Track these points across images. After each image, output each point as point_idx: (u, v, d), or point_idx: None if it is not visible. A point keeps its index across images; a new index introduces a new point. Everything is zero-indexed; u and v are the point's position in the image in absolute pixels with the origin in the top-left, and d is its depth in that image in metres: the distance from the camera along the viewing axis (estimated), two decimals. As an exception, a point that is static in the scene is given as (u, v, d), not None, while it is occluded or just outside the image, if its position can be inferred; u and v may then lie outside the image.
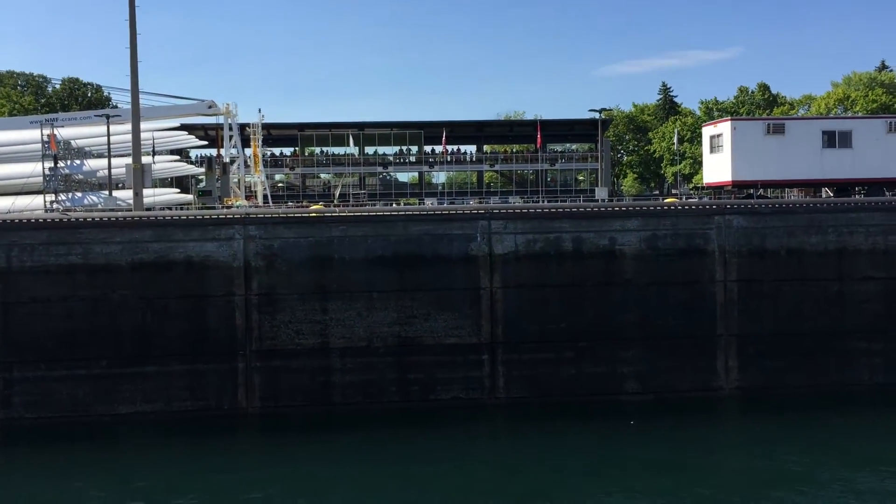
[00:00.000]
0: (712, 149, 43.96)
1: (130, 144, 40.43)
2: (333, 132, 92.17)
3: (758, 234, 33.41)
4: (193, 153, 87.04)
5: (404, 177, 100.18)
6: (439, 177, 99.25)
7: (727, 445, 28.67)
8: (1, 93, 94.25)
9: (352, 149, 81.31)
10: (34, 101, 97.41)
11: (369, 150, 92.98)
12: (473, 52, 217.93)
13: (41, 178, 46.44)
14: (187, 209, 54.00)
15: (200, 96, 63.40)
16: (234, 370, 31.36)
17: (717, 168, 43.47)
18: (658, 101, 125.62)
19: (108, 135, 52.14)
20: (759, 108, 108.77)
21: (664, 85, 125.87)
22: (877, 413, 31.22)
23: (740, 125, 42.71)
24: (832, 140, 41.67)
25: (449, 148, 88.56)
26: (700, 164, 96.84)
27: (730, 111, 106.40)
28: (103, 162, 51.38)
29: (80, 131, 58.36)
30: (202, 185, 79.31)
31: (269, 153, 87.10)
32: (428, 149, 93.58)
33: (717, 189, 44.97)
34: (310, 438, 29.22)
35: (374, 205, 52.97)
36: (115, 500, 23.09)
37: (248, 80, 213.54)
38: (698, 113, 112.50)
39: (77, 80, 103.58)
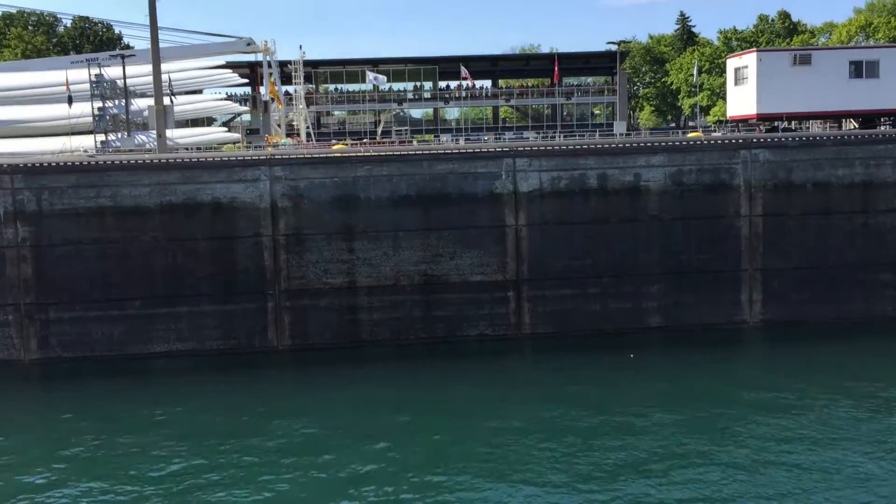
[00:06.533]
0: (737, 81, 43.35)
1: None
2: (347, 69, 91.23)
3: (784, 167, 33.28)
4: (207, 91, 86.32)
5: (418, 113, 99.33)
6: (453, 112, 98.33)
7: (743, 377, 28.98)
8: (14, 33, 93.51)
9: (368, 85, 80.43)
10: (46, 41, 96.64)
11: (384, 86, 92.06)
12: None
13: (89, 119, 46.42)
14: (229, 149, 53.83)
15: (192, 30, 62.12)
16: (263, 309, 31.89)
17: (741, 101, 42.95)
18: (675, 31, 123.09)
19: (125, 77, 51.92)
20: (780, 37, 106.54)
21: (682, 14, 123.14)
22: (898, 344, 31.50)
23: (766, 56, 42.02)
24: (859, 70, 40.98)
25: (465, 83, 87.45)
26: (718, 95, 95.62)
27: (749, 41, 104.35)
28: (149, 101, 51.08)
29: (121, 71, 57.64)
30: (217, 123, 79.07)
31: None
32: (443, 84, 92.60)
33: (742, 122, 44.47)
34: (338, 374, 29.88)
35: (412, 142, 52.27)
36: (148, 430, 23.87)
37: (258, 15, 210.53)
38: (717, 43, 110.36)
39: (88, 18, 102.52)
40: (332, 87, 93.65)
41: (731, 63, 44.99)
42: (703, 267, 32.99)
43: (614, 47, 78.12)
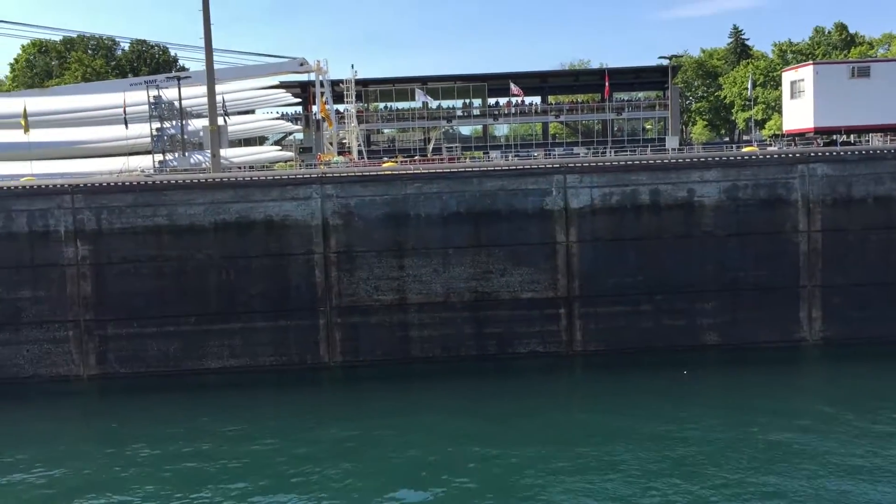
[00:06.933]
0: (793, 94, 42.56)
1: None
2: (397, 87, 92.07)
3: (843, 182, 32.46)
4: (260, 110, 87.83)
5: (467, 130, 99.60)
6: (502, 129, 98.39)
7: (803, 396, 28.16)
8: (74, 57, 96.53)
9: (417, 103, 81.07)
10: (105, 65, 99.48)
11: (433, 103, 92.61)
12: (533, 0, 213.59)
13: (147, 140, 47.72)
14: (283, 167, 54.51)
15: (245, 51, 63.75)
16: (315, 326, 32.12)
17: (797, 114, 42.14)
18: (728, 44, 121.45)
19: (180, 98, 53.15)
20: (837, 49, 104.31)
21: (735, 28, 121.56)
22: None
23: (823, 69, 41.20)
24: (921, 82, 39.94)
25: (514, 99, 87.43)
26: (773, 109, 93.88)
27: (805, 53, 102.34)
28: (205, 122, 52.31)
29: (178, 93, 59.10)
30: (269, 141, 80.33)
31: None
32: (491, 101, 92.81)
33: (798, 136, 43.57)
34: (389, 390, 29.95)
35: (462, 159, 52.46)
36: (202, 443, 24.21)
37: (311, 35, 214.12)
38: (771, 56, 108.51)
39: (144, 41, 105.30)
40: (382, 105, 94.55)
41: (787, 76, 44.22)
42: (760, 283, 32.28)
43: (665, 62, 77.41)
